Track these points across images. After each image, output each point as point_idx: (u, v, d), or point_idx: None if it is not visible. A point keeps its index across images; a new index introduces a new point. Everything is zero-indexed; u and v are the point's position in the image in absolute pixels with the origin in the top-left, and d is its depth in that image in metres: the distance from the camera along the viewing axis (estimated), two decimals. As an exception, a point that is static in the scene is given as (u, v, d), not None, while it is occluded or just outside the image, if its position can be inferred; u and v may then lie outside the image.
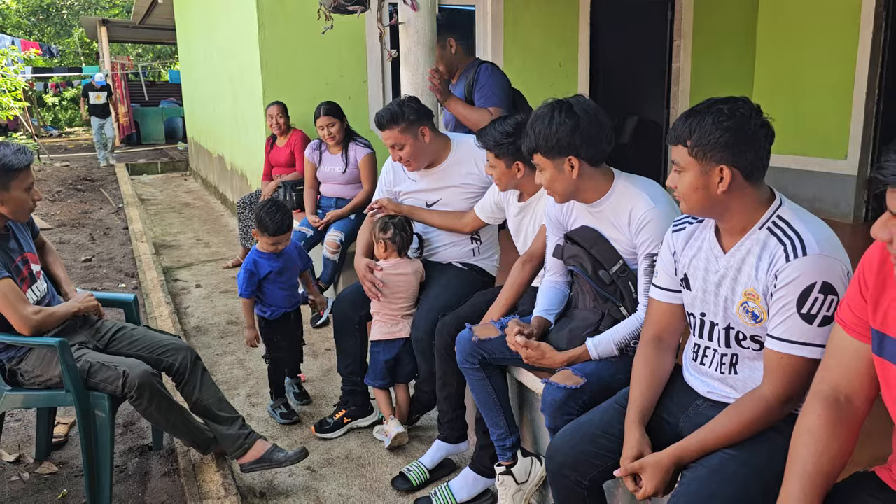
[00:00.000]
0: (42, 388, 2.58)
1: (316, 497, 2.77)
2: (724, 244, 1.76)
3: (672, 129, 1.73)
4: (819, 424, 1.43)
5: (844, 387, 1.45)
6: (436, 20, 3.37)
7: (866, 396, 1.44)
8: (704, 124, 1.66)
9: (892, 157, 1.19)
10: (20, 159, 2.49)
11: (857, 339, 1.43)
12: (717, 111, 1.66)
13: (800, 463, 1.41)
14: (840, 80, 6.79)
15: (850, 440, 1.44)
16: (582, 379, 2.05)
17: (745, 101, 1.68)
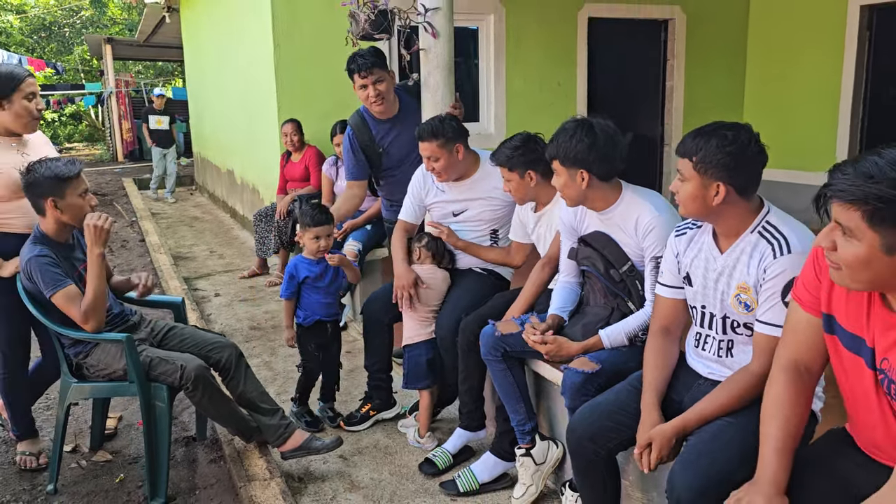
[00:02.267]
0: (106, 380, 2.86)
1: (350, 481, 3.04)
2: (721, 246, 2.06)
3: (681, 143, 2.03)
4: (785, 395, 1.71)
5: (803, 358, 1.73)
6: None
7: (821, 365, 1.73)
8: (710, 145, 1.96)
9: (838, 176, 1.44)
10: (70, 168, 2.75)
11: (812, 313, 1.70)
12: (721, 135, 1.96)
13: (772, 430, 1.69)
14: (826, 96, 7.14)
15: (808, 404, 1.74)
16: (597, 365, 2.35)
17: (747, 129, 1.99)
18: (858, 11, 6.85)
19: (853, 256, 1.44)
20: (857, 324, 1.56)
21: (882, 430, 1.58)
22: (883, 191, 1.36)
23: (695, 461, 1.87)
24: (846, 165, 1.44)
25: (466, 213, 3.35)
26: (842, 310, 1.60)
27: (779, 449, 1.67)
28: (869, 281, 1.46)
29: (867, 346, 1.54)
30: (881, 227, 1.38)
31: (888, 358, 1.49)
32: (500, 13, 6.81)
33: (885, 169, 1.38)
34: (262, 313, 5.37)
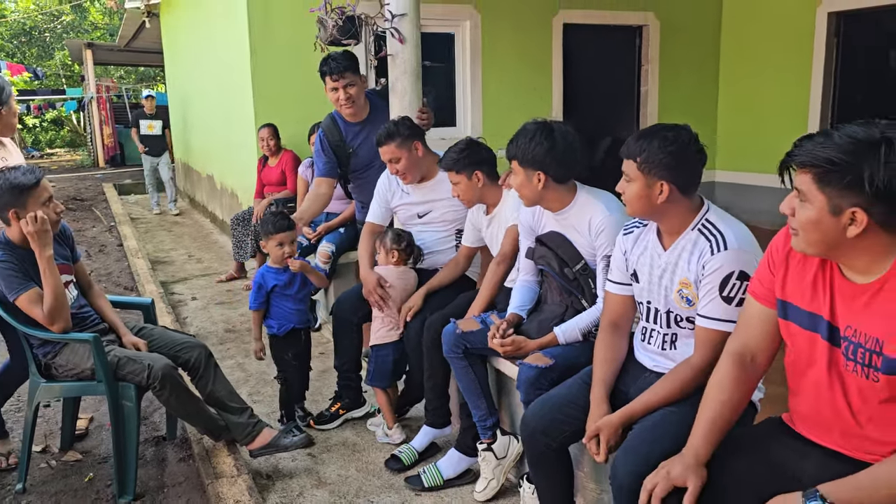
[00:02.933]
0: (74, 380, 2.90)
1: (317, 478, 3.09)
2: (665, 243, 2.14)
3: (626, 146, 2.11)
4: (728, 379, 1.81)
5: (752, 346, 1.83)
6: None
7: (768, 355, 1.82)
8: (653, 146, 2.04)
9: (804, 145, 1.54)
10: (29, 178, 2.76)
11: (765, 305, 1.80)
12: (663, 136, 2.04)
13: (707, 410, 1.80)
14: (796, 101, 7.29)
15: (748, 392, 1.83)
16: (550, 360, 2.43)
17: (687, 129, 2.08)
18: (826, 18, 7.00)
19: (806, 219, 1.54)
20: (815, 303, 1.66)
21: (829, 408, 1.66)
22: (830, 154, 1.48)
23: (636, 448, 1.95)
24: (809, 135, 1.56)
25: (431, 214, 3.43)
26: (798, 294, 1.70)
27: (709, 427, 1.78)
28: (819, 242, 1.56)
29: (824, 320, 1.63)
30: (828, 188, 1.49)
31: (851, 325, 1.58)
32: (475, 19, 6.90)
33: (835, 137, 1.49)
34: (237, 316, 5.41)
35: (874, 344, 1.53)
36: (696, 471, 1.72)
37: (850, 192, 1.47)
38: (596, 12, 7.42)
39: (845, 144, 1.48)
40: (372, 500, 2.91)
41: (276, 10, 6.10)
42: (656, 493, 1.73)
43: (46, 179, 2.82)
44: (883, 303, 1.53)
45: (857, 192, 1.46)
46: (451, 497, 2.92)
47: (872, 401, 1.58)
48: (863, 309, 1.56)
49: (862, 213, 1.47)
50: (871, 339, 1.54)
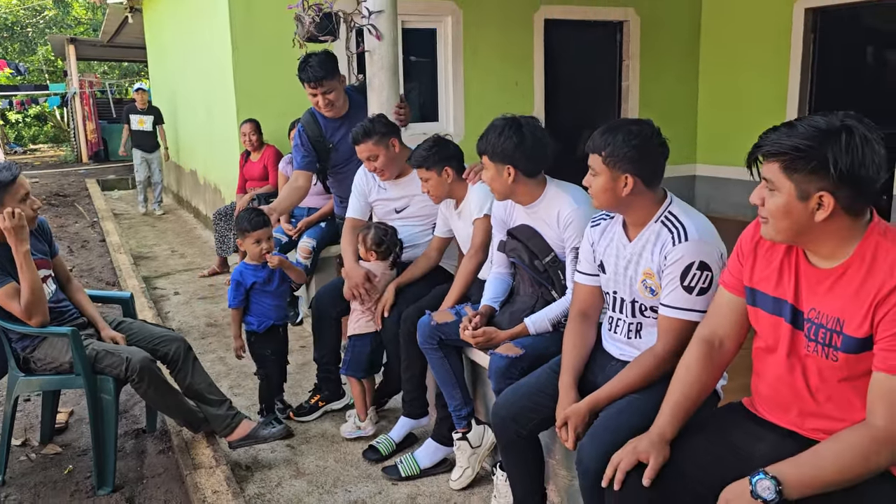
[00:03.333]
0: (53, 374, 2.93)
1: (296, 468, 3.14)
2: (630, 235, 2.20)
3: (591, 140, 2.16)
4: (696, 361, 1.88)
5: (720, 332, 1.90)
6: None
7: (735, 341, 1.90)
8: (617, 140, 2.09)
9: (770, 136, 1.60)
10: (5, 175, 2.78)
11: (734, 294, 1.87)
12: (627, 130, 2.10)
13: (675, 392, 1.87)
14: (775, 96, 7.38)
15: (715, 377, 1.90)
16: (521, 350, 2.49)
17: (649, 124, 2.14)
18: (803, 14, 7.08)
19: (776, 206, 1.61)
20: (780, 289, 1.73)
21: (789, 388, 1.73)
22: (796, 142, 1.55)
23: (601, 434, 2.00)
24: (774, 128, 1.63)
25: (408, 209, 3.47)
26: (765, 281, 1.77)
27: (675, 407, 1.86)
28: (789, 228, 1.62)
29: (788, 304, 1.71)
30: (795, 175, 1.56)
31: (815, 308, 1.65)
32: (457, 15, 6.94)
33: (798, 127, 1.57)
34: (219, 311, 5.43)
35: (835, 324, 1.61)
36: (659, 448, 1.80)
37: (816, 177, 1.54)
38: (577, 8, 7.47)
39: (809, 132, 1.55)
40: (349, 489, 2.96)
41: (258, 5, 6.11)
42: (621, 466, 1.80)
43: (23, 176, 2.84)
44: (845, 286, 1.60)
45: (823, 176, 1.53)
46: (427, 486, 2.97)
47: (831, 380, 1.65)
48: (826, 292, 1.64)
49: (829, 196, 1.54)
50: (831, 320, 1.61)
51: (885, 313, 1.53)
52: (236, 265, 6.22)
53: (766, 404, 1.82)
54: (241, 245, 3.42)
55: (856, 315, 1.57)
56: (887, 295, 1.52)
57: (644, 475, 1.76)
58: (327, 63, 3.71)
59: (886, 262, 1.55)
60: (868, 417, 1.56)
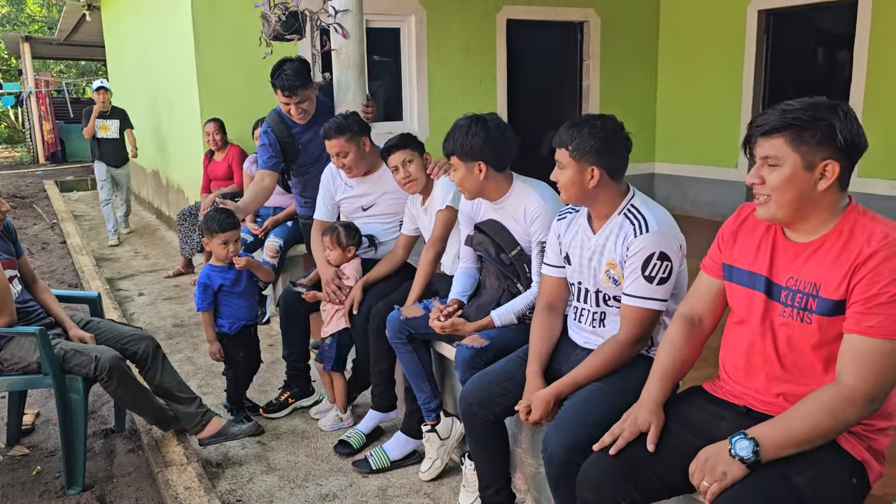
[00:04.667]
0: (20, 374, 2.91)
1: (267, 464, 3.17)
2: (594, 227, 2.28)
3: (557, 135, 2.24)
4: (678, 335, 1.99)
5: (699, 309, 2.00)
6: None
7: (713, 319, 2.00)
8: (583, 134, 2.17)
9: (769, 115, 1.68)
10: None
11: (713, 276, 1.98)
12: (592, 125, 2.18)
13: (661, 361, 1.98)
14: (730, 95, 7.57)
15: (696, 350, 2.00)
16: (486, 341, 2.57)
17: (613, 119, 2.23)
18: (756, 16, 7.29)
19: (779, 179, 1.68)
20: (756, 263, 1.84)
21: (759, 356, 1.83)
22: (798, 115, 1.64)
23: (566, 423, 2.08)
24: (763, 111, 1.72)
25: (375, 207, 3.51)
26: (742, 257, 1.89)
27: (662, 376, 1.96)
28: (793, 200, 1.70)
29: (762, 276, 1.82)
30: (802, 146, 1.65)
31: (793, 276, 1.76)
32: (420, 15, 6.99)
33: (796, 104, 1.66)
34: (185, 311, 5.41)
35: (812, 288, 1.71)
36: (656, 413, 1.90)
37: (822, 147, 1.64)
38: (538, 8, 7.58)
39: (810, 107, 1.66)
40: (321, 483, 3.00)
41: (221, 3, 6.09)
42: (625, 435, 1.87)
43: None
44: (823, 255, 1.71)
45: (829, 144, 1.64)
46: (398, 477, 3.02)
47: (799, 348, 1.76)
48: (804, 262, 1.75)
49: (834, 163, 1.65)
50: (809, 285, 1.72)
51: (861, 277, 1.63)
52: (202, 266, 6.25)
53: (736, 373, 1.91)
54: (207, 246, 3.40)
55: (833, 279, 1.68)
56: (865, 260, 1.63)
57: (648, 441, 1.85)
58: (302, 72, 3.67)
59: (864, 233, 1.66)
60: (838, 377, 1.66)
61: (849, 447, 1.69)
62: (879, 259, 1.61)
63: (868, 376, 1.61)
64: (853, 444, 1.70)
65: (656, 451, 1.87)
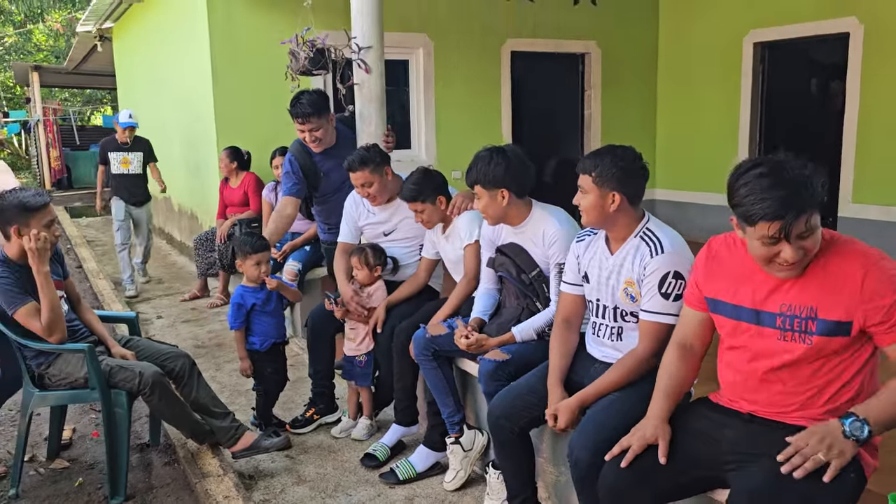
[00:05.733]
0: (67, 389, 3.08)
1: (297, 476, 3.33)
2: (612, 248, 2.49)
3: (581, 162, 2.45)
4: (674, 360, 2.19)
5: (689, 337, 2.20)
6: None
7: (702, 343, 2.20)
8: (605, 162, 2.39)
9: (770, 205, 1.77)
10: (38, 200, 3.00)
11: (696, 309, 2.18)
12: (614, 154, 2.40)
13: (661, 382, 2.18)
14: (727, 124, 7.85)
15: (693, 371, 2.19)
16: (507, 355, 2.77)
17: (632, 150, 2.45)
18: (752, 48, 7.57)
19: (812, 245, 1.84)
20: (738, 296, 2.03)
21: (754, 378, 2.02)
22: (806, 201, 1.78)
23: (589, 429, 2.27)
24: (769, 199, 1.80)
25: (396, 232, 3.71)
26: (723, 291, 2.07)
27: (663, 396, 2.15)
28: (811, 257, 1.87)
29: (746, 308, 2.00)
30: (810, 220, 1.80)
31: (786, 303, 1.94)
32: (428, 47, 7.26)
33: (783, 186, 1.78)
34: (205, 333, 5.58)
35: (809, 312, 1.91)
36: (663, 428, 2.09)
37: (815, 211, 1.82)
38: (541, 41, 7.86)
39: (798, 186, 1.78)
40: (350, 493, 3.16)
41: (239, 37, 6.35)
42: (633, 448, 2.05)
43: (52, 204, 3.02)
44: (809, 281, 1.90)
45: (818, 204, 1.82)
46: (423, 488, 3.18)
47: (796, 364, 1.94)
48: (790, 289, 1.94)
49: (817, 217, 1.83)
50: (805, 309, 1.91)
51: (866, 303, 1.83)
52: (216, 290, 6.43)
53: (735, 389, 2.10)
54: (239, 266, 3.59)
55: (829, 302, 1.87)
56: (860, 285, 1.82)
57: (659, 454, 2.03)
58: (317, 102, 3.91)
59: (843, 259, 1.86)
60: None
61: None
62: (872, 280, 1.81)
63: None
64: (847, 441, 1.88)
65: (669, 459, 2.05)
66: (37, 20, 23.51)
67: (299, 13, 4.22)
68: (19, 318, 2.93)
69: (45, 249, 2.92)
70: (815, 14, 6.94)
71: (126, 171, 6.93)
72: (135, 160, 6.94)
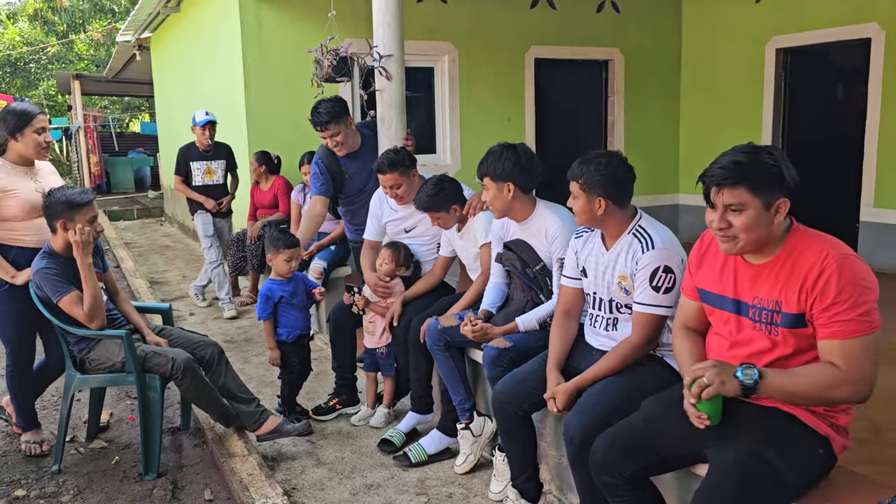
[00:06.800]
0: (106, 372, 3.33)
1: (317, 459, 3.53)
2: (607, 245, 2.65)
3: (570, 169, 2.62)
4: (684, 340, 2.31)
5: (688, 322, 2.34)
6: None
7: (699, 325, 2.33)
8: (590, 170, 2.55)
9: (716, 171, 1.98)
10: (83, 197, 3.25)
11: (690, 297, 2.33)
12: (598, 162, 2.56)
13: (683, 359, 2.28)
14: (750, 130, 7.89)
15: (701, 347, 2.29)
16: (509, 343, 2.96)
17: (618, 155, 2.60)
18: (774, 54, 7.64)
19: (746, 222, 1.98)
20: (721, 287, 2.18)
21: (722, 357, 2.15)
22: (760, 166, 1.95)
23: (584, 409, 2.44)
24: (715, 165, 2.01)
25: (417, 229, 3.91)
26: (710, 282, 2.22)
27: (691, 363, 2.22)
28: (757, 238, 2.00)
29: (729, 297, 2.15)
30: (762, 192, 1.96)
31: (758, 296, 2.07)
32: (453, 55, 7.46)
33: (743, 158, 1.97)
34: (234, 328, 5.83)
35: (775, 305, 2.04)
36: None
37: (776, 189, 1.97)
38: (565, 48, 8.01)
39: (757, 158, 1.96)
40: (365, 475, 3.36)
41: (269, 46, 6.62)
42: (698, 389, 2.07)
43: (96, 202, 3.28)
44: (777, 275, 2.04)
45: (780, 186, 1.97)
46: (435, 471, 3.36)
47: (771, 353, 2.07)
48: (763, 282, 2.08)
49: (786, 201, 1.98)
50: (772, 302, 2.05)
51: (815, 294, 1.95)
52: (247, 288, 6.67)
53: None
54: (270, 261, 3.81)
55: (791, 296, 2.00)
56: (815, 279, 1.95)
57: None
58: (334, 109, 4.13)
59: (811, 254, 1.98)
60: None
61: (812, 424, 2.02)
62: (826, 276, 1.93)
63: (850, 366, 1.91)
64: (816, 422, 2.03)
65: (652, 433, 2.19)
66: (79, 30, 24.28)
67: (326, 23, 4.45)
68: (63, 306, 3.18)
69: (89, 242, 3.17)
70: (837, 20, 7.00)
71: (210, 182, 6.40)
72: (218, 169, 6.44)
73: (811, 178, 7.26)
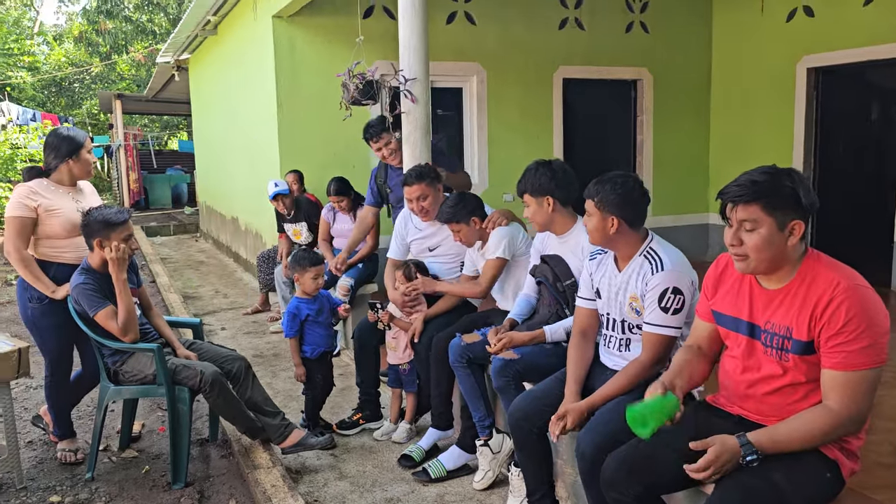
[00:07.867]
0: (138, 384, 3.46)
1: (339, 472, 3.61)
2: (619, 266, 2.70)
3: (587, 189, 2.68)
4: (688, 360, 2.34)
5: (699, 342, 2.38)
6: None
7: (711, 349, 2.36)
8: (605, 189, 2.62)
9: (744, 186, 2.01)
10: (119, 216, 3.40)
11: (704, 319, 2.37)
12: (613, 181, 2.62)
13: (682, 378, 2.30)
14: (781, 150, 7.84)
15: (705, 369, 2.35)
16: (516, 355, 3.05)
17: (633, 177, 2.67)
18: (805, 73, 7.61)
19: (759, 241, 2.01)
20: (736, 309, 2.21)
21: (744, 384, 2.20)
22: (774, 185, 1.98)
23: (596, 426, 2.48)
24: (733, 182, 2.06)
25: (440, 248, 4.00)
26: (725, 305, 2.25)
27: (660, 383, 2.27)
28: (770, 257, 2.03)
29: (743, 321, 2.17)
30: (776, 211, 1.99)
31: (770, 321, 2.10)
32: (481, 75, 7.57)
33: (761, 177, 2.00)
34: (264, 343, 5.96)
35: (786, 331, 2.07)
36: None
37: (791, 210, 2.00)
38: (594, 68, 8.06)
39: (774, 178, 2.00)
40: (386, 489, 3.42)
41: (302, 67, 6.79)
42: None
43: (131, 221, 3.43)
44: (791, 301, 2.07)
45: (795, 207, 1.99)
46: (454, 487, 3.42)
47: (782, 379, 2.11)
48: (777, 307, 2.11)
49: (800, 223, 2.01)
50: (783, 328, 2.08)
51: (823, 323, 1.97)
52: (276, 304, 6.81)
53: (730, 394, 2.28)
54: (297, 279, 3.93)
55: (802, 324, 2.03)
56: (825, 308, 1.97)
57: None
58: (380, 122, 4.59)
59: (823, 282, 2.01)
60: (825, 402, 1.99)
61: (822, 448, 2.04)
62: (835, 306, 1.95)
63: (848, 401, 1.95)
64: (826, 446, 2.04)
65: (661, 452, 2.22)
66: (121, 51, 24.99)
67: (355, 47, 4.60)
68: (99, 320, 3.32)
69: (124, 259, 3.31)
70: (870, 39, 6.95)
71: (298, 243, 6.38)
72: (303, 231, 6.38)
73: (845, 196, 7.26)
